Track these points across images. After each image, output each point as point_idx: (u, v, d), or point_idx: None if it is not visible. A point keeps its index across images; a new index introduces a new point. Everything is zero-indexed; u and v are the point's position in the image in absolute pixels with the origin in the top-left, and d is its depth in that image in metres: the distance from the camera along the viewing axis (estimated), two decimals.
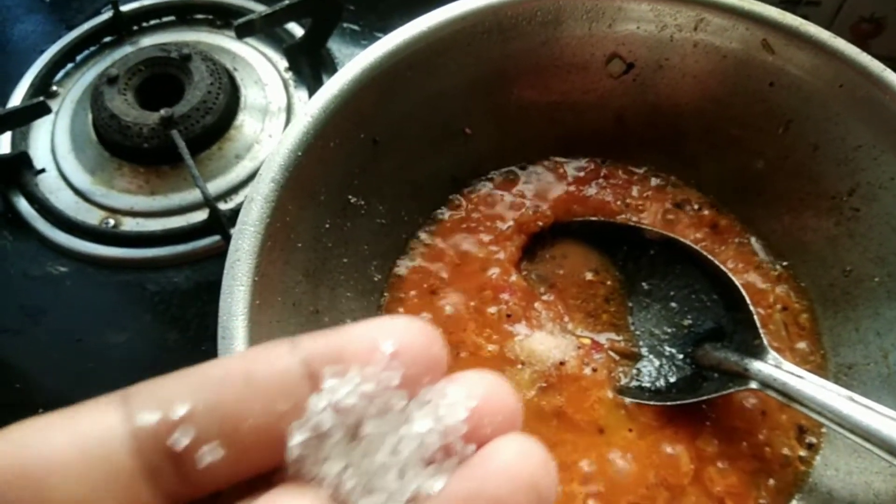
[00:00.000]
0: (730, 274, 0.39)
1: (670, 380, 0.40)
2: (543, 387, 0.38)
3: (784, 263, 0.44)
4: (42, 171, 0.52)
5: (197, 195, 0.49)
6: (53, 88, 0.57)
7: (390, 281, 0.42)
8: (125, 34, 0.60)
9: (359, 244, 0.40)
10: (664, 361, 0.40)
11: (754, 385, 0.35)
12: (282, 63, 0.58)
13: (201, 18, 0.62)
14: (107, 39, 0.60)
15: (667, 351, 0.41)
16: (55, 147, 0.54)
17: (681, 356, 0.40)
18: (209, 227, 0.48)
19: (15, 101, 0.55)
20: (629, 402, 0.38)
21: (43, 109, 0.52)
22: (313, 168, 0.36)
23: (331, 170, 0.38)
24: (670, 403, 0.38)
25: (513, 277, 0.42)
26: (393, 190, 0.42)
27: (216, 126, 0.52)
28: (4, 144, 0.53)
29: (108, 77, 0.52)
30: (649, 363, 0.40)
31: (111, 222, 0.50)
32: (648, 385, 0.40)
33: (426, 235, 0.44)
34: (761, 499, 0.36)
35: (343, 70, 0.37)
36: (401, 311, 0.41)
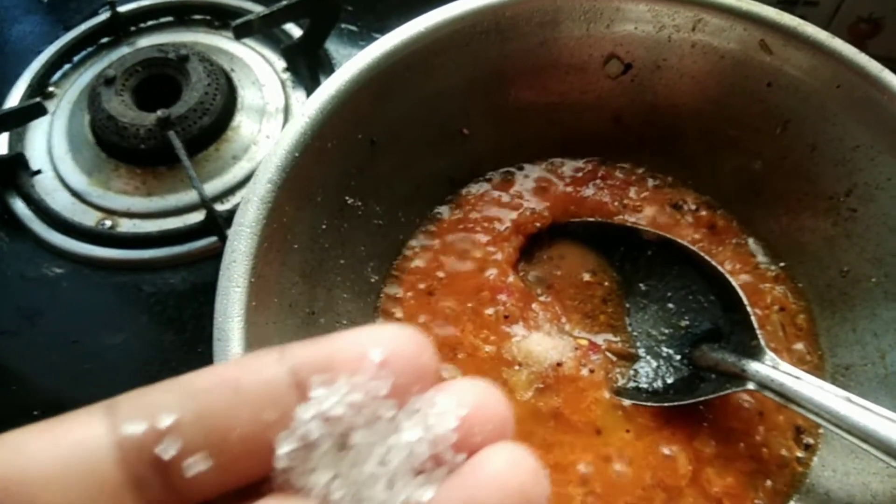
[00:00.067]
0: (727, 275, 0.39)
1: (668, 381, 0.40)
2: (541, 388, 0.38)
3: (781, 264, 0.44)
4: (38, 173, 0.52)
5: (194, 196, 0.49)
6: (50, 89, 0.57)
7: (387, 282, 0.42)
8: (122, 35, 0.60)
9: (356, 245, 0.40)
10: (661, 362, 0.40)
11: (751, 386, 0.35)
12: (279, 64, 0.58)
13: (199, 19, 0.62)
14: (104, 40, 0.60)
15: (664, 352, 0.41)
16: (52, 148, 0.53)
17: (678, 357, 0.40)
18: (206, 229, 0.48)
19: (12, 102, 0.55)
20: (626, 403, 0.38)
21: (39, 110, 0.52)
22: (310, 169, 0.36)
23: (328, 171, 0.37)
24: (668, 404, 0.38)
25: (510, 278, 0.42)
26: (390, 191, 0.42)
27: (213, 127, 0.52)
28: (1, 145, 0.53)
29: (106, 78, 0.52)
30: (647, 364, 0.40)
31: (108, 223, 0.50)
32: (646, 386, 0.39)
33: (423, 236, 0.44)
34: (758, 500, 0.36)
35: (340, 70, 0.37)
36: (398, 313, 0.41)
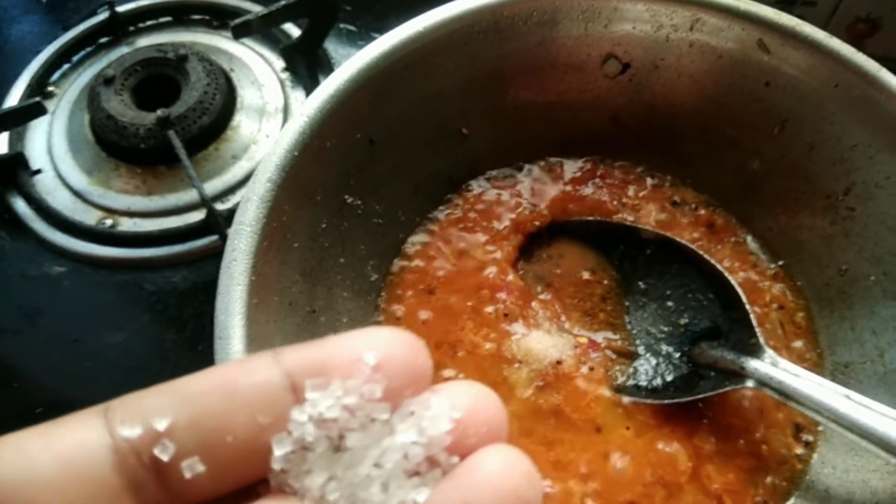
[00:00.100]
0: (726, 273, 0.39)
1: (667, 378, 0.40)
2: (541, 385, 0.38)
3: (780, 262, 0.44)
4: (39, 172, 0.52)
5: (194, 195, 0.49)
6: (50, 89, 0.57)
7: (387, 280, 0.42)
8: (121, 35, 0.60)
9: (355, 244, 0.40)
10: (661, 360, 0.40)
11: (751, 383, 0.36)
12: (278, 63, 0.58)
13: (198, 19, 0.62)
14: (103, 40, 0.60)
15: (663, 349, 0.41)
16: (52, 147, 0.54)
17: (677, 355, 0.40)
18: (206, 228, 0.48)
19: (11, 102, 0.55)
20: (626, 401, 0.38)
21: (39, 110, 0.52)
22: (310, 168, 0.36)
23: (327, 170, 0.38)
24: (667, 402, 0.38)
25: (510, 277, 0.42)
26: (389, 190, 0.42)
27: (213, 126, 0.52)
28: (1, 145, 0.53)
29: (105, 78, 0.52)
30: (646, 362, 0.40)
31: (108, 222, 0.50)
32: (645, 383, 0.40)
33: (423, 235, 0.44)
34: (758, 497, 0.36)
35: (339, 70, 0.37)
36: (398, 311, 0.41)
